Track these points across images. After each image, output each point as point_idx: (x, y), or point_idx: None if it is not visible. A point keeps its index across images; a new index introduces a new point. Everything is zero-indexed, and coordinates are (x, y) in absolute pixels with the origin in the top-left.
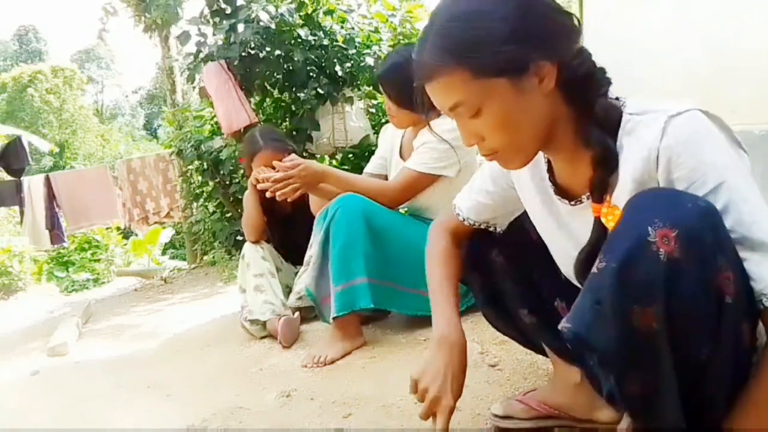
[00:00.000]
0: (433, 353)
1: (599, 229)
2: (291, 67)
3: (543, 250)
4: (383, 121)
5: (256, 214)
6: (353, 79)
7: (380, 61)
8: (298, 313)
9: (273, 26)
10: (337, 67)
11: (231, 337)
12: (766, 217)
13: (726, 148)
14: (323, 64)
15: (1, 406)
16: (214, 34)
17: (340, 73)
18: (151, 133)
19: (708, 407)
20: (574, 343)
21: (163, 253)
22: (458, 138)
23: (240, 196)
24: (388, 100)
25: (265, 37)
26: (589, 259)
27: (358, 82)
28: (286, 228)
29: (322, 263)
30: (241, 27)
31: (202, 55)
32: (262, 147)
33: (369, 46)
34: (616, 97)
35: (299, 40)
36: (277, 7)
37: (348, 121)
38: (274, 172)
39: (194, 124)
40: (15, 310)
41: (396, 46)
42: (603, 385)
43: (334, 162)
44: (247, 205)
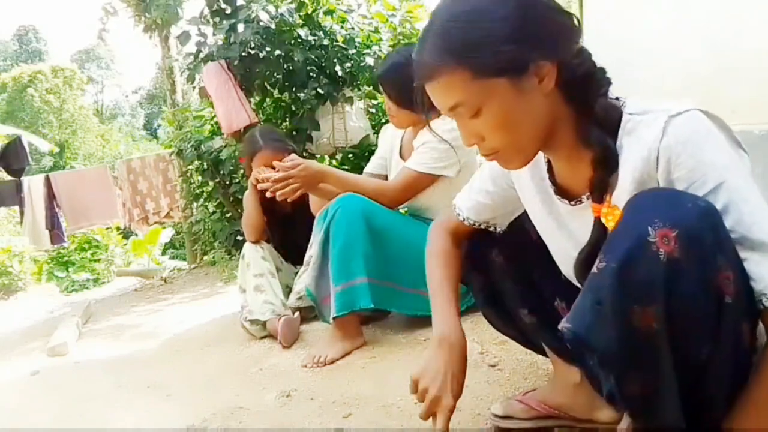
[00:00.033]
0: (433, 353)
1: (599, 229)
2: (291, 67)
3: (543, 250)
4: (383, 121)
5: (256, 214)
6: (353, 79)
7: (380, 61)
8: (298, 313)
9: (273, 26)
10: (337, 67)
11: (231, 337)
12: (766, 217)
13: (726, 148)
14: (323, 64)
15: (1, 406)
16: (214, 34)
17: (340, 73)
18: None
19: (708, 407)
20: (573, 344)
21: (163, 253)
22: (458, 138)
23: (240, 196)
24: (388, 100)
25: (265, 37)
26: (589, 260)
27: (358, 82)
28: (286, 228)
29: (322, 263)
30: (241, 27)
31: (202, 55)
32: (262, 147)
33: (369, 46)
34: (616, 97)
35: (299, 40)
36: (277, 7)
37: (348, 121)
38: (274, 172)
39: (194, 124)
40: (15, 310)
41: (396, 46)
42: (603, 385)
43: (334, 162)
44: (247, 205)
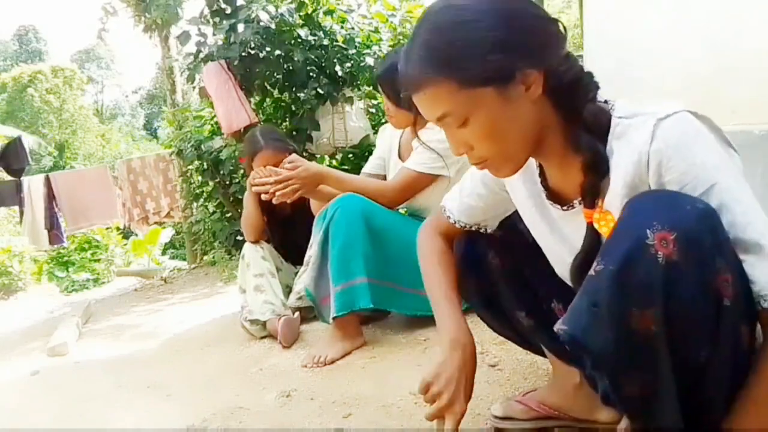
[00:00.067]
0: (446, 356)
1: (592, 234)
2: (291, 67)
3: (538, 251)
4: (383, 121)
5: (255, 215)
6: (353, 79)
7: (380, 61)
8: (298, 313)
9: (273, 26)
10: (337, 67)
11: (231, 337)
12: (759, 217)
13: (716, 149)
14: (323, 64)
15: (1, 406)
16: (214, 34)
17: (340, 73)
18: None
19: (707, 409)
20: (570, 345)
21: (163, 253)
22: None
23: (240, 196)
24: (386, 100)
25: (265, 37)
26: (583, 266)
27: (358, 82)
28: (287, 228)
29: (322, 263)
30: (241, 27)
31: (202, 55)
32: (263, 147)
33: (369, 46)
34: (605, 100)
35: (299, 40)
36: (277, 7)
37: (348, 121)
38: (271, 175)
39: (194, 124)
40: (15, 310)
41: (396, 46)
42: (599, 386)
43: (334, 162)
44: (247, 206)
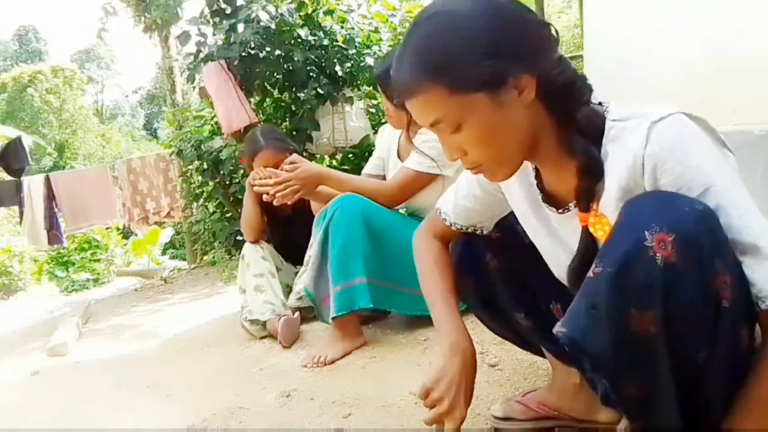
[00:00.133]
0: (446, 360)
1: (587, 238)
2: (291, 67)
3: (536, 253)
4: (383, 121)
5: (255, 215)
6: (353, 79)
7: (380, 61)
8: (298, 313)
9: (273, 26)
10: (337, 67)
11: (231, 337)
12: (755, 219)
13: (712, 151)
14: (323, 64)
15: (1, 406)
16: (214, 34)
17: (340, 73)
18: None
19: (706, 410)
20: (569, 347)
21: (163, 253)
22: None
23: (240, 196)
24: (386, 100)
25: (265, 37)
26: (579, 269)
27: (358, 82)
28: (287, 228)
29: (321, 263)
30: (241, 27)
31: (202, 55)
32: (264, 147)
33: (369, 46)
34: (599, 102)
35: (299, 40)
36: (277, 7)
37: (348, 121)
38: (271, 177)
39: (194, 124)
40: (15, 310)
41: (396, 46)
42: (598, 387)
43: (334, 162)
44: (247, 206)
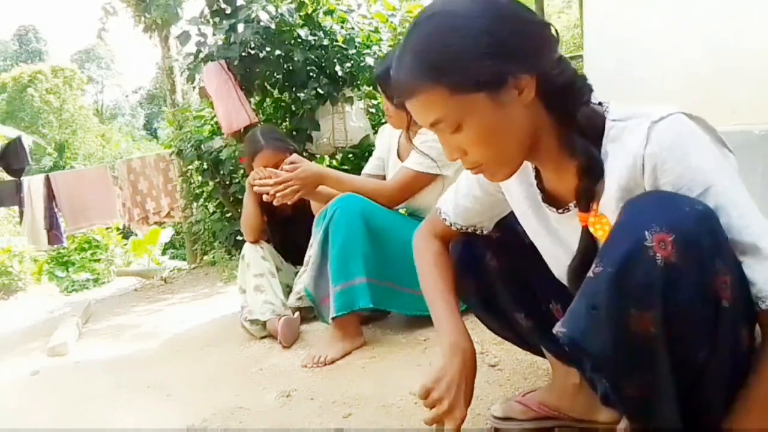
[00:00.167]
0: (446, 361)
1: (587, 238)
2: (291, 67)
3: (536, 253)
4: (383, 121)
5: (255, 215)
6: (353, 79)
7: (380, 61)
8: (298, 313)
9: (273, 26)
10: (337, 67)
11: (231, 337)
12: (755, 219)
13: (711, 150)
14: (323, 64)
15: (1, 406)
16: (214, 34)
17: (340, 73)
18: (151, 133)
19: (705, 410)
20: (570, 348)
21: (163, 253)
22: None
23: (240, 196)
24: (386, 100)
25: (265, 37)
26: (579, 269)
27: (358, 82)
28: (287, 228)
29: (321, 263)
30: (241, 27)
31: (202, 55)
32: (264, 147)
33: (369, 46)
34: (599, 102)
35: (299, 40)
36: (277, 7)
37: (348, 121)
38: (271, 177)
39: (194, 124)
40: (15, 310)
41: (396, 46)
42: (598, 387)
43: (334, 162)
44: (246, 206)
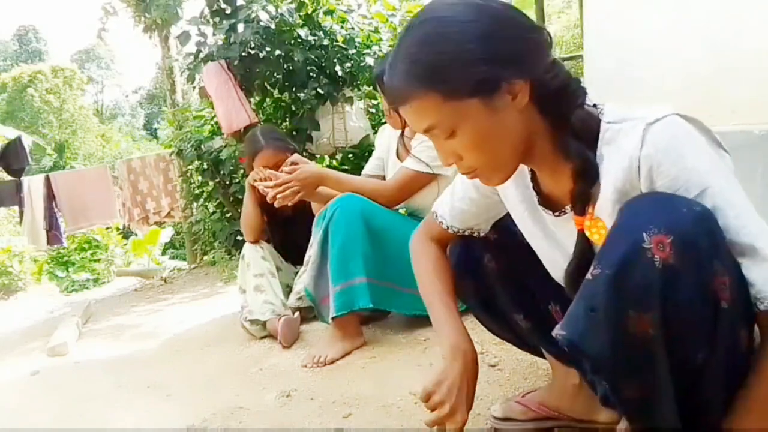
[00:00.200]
0: (448, 363)
1: (583, 241)
2: (291, 67)
3: (535, 254)
4: (383, 121)
5: (254, 215)
6: (353, 79)
7: (380, 61)
8: (298, 313)
9: (273, 26)
10: (337, 67)
11: (231, 337)
12: (752, 220)
13: (707, 152)
14: (323, 64)
15: (1, 406)
16: (214, 34)
17: (340, 73)
18: (151, 133)
19: (704, 410)
20: (569, 350)
21: (163, 253)
22: None
23: (240, 196)
24: (385, 100)
25: (265, 37)
26: (575, 273)
27: (358, 82)
28: (287, 228)
29: (321, 263)
30: (241, 27)
31: (202, 55)
32: (264, 147)
33: (369, 46)
34: (594, 104)
35: (299, 40)
36: (277, 7)
37: (348, 121)
38: (270, 178)
39: (194, 124)
40: (15, 310)
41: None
42: (598, 388)
43: (334, 162)
44: (246, 206)
